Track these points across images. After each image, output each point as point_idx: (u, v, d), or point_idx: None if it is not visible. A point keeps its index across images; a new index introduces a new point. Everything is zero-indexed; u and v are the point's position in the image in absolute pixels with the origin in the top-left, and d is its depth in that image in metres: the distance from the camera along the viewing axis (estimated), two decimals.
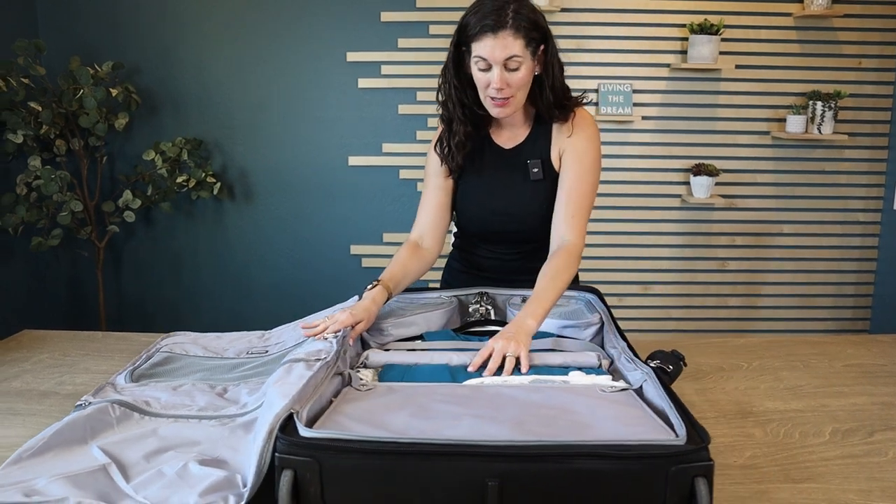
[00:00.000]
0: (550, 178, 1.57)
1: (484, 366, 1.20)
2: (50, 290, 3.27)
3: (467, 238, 1.73)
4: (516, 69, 1.41)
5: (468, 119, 1.53)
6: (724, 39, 3.03)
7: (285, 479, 0.85)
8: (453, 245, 1.81)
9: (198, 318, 3.35)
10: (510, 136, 1.60)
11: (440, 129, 1.61)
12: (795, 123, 3.06)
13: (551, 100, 1.50)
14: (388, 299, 1.44)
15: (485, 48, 1.39)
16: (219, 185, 3.10)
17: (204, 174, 3.06)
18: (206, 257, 3.33)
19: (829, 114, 3.00)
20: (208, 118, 3.19)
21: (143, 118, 3.16)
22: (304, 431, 0.88)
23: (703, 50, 2.98)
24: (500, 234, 1.65)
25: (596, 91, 3.12)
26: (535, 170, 1.56)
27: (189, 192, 3.09)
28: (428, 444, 0.86)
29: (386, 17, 3.07)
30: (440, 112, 1.57)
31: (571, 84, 1.39)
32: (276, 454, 0.87)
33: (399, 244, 1.62)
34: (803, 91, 3.11)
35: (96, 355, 1.57)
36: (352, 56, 3.11)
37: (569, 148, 1.53)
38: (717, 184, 3.15)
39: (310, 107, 3.18)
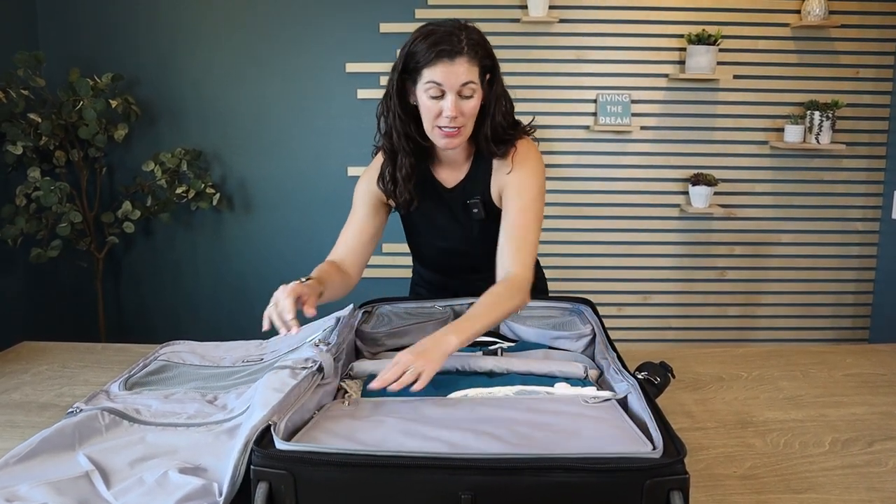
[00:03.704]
0: (493, 215, 1.52)
1: (471, 377, 1.22)
2: (49, 302, 3.27)
3: (426, 267, 1.74)
4: (470, 97, 1.36)
5: (412, 151, 1.46)
6: (721, 50, 3.04)
7: (260, 490, 0.86)
8: (415, 270, 1.82)
9: (197, 328, 3.34)
10: (451, 173, 1.54)
11: (377, 162, 1.53)
12: (793, 133, 3.07)
13: (489, 134, 1.43)
14: (320, 295, 1.34)
15: (440, 74, 1.32)
16: (218, 195, 3.10)
17: (203, 185, 3.06)
18: (206, 268, 3.33)
19: (826, 123, 3.01)
20: (207, 129, 3.19)
21: (142, 129, 3.17)
22: (280, 444, 0.89)
23: (701, 60, 2.99)
24: (457, 268, 1.66)
25: (594, 101, 3.13)
26: (476, 210, 1.52)
27: (188, 202, 3.10)
28: (401, 458, 0.86)
29: (385, 28, 3.09)
30: (380, 143, 1.50)
31: (571, 94, 1.37)
32: (252, 466, 0.88)
33: (398, 254, 1.62)
34: (801, 101, 3.12)
35: (96, 367, 1.57)
36: (351, 67, 3.12)
37: (509, 184, 1.46)
38: (715, 193, 3.15)
39: (309, 117, 3.19)
